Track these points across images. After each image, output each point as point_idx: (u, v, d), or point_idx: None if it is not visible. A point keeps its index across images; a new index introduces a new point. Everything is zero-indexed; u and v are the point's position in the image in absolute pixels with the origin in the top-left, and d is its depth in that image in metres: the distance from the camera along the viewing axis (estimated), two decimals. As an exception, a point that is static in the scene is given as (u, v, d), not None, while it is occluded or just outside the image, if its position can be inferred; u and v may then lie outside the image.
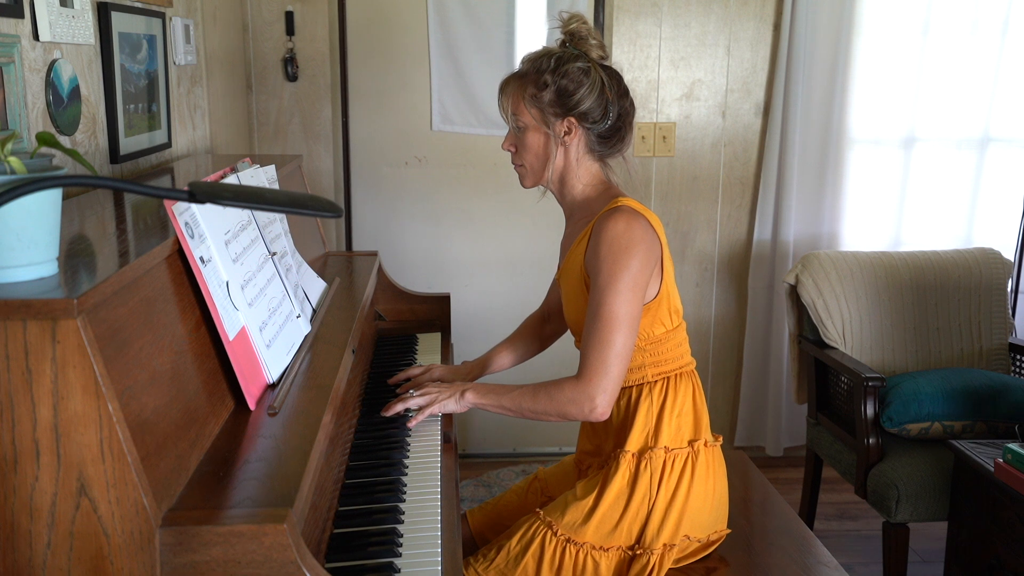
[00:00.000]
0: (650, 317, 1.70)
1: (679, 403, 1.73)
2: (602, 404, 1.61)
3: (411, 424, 1.71)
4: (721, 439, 1.81)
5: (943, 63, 3.34)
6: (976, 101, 3.38)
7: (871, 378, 2.54)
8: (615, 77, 1.72)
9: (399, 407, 1.73)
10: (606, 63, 1.73)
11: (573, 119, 1.69)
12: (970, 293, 2.93)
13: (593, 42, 1.71)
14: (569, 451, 3.57)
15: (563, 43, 1.73)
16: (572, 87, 1.67)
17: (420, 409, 1.72)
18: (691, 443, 1.72)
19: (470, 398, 1.71)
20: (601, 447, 1.80)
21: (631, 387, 1.74)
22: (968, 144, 3.43)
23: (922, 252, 3.01)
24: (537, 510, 1.73)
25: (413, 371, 1.99)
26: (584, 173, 1.75)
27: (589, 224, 1.69)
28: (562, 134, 1.70)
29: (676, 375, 1.74)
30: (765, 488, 2.12)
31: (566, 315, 1.81)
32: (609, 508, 1.67)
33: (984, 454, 2.24)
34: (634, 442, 1.70)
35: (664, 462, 1.68)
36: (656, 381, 1.73)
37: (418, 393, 1.74)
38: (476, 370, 2.05)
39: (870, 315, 2.87)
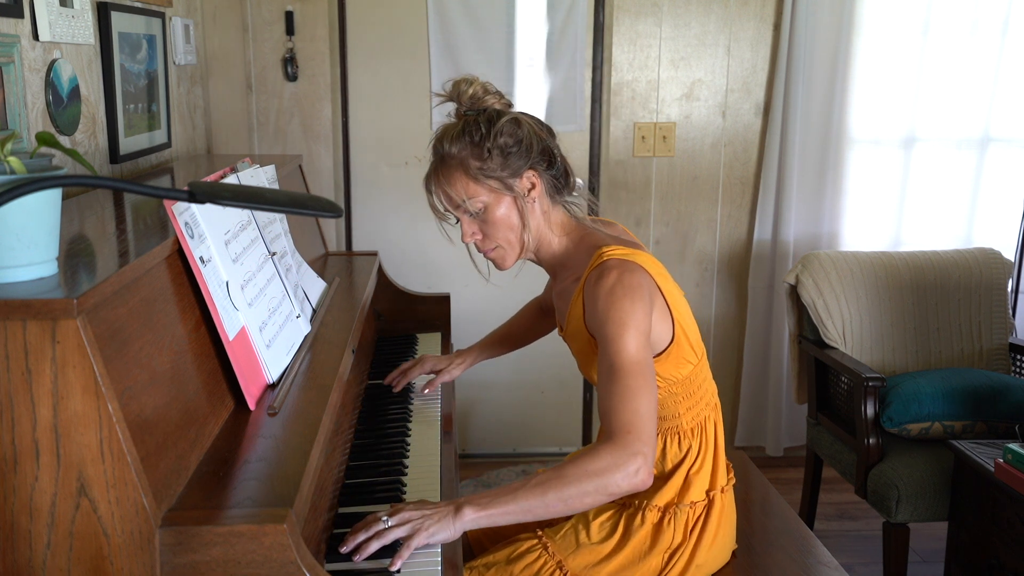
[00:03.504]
0: (672, 360, 1.62)
1: (707, 453, 1.69)
2: (648, 463, 1.41)
3: (393, 566, 1.29)
4: (733, 477, 1.76)
5: (943, 63, 3.34)
6: (976, 101, 3.38)
7: (871, 378, 2.54)
8: (536, 119, 1.66)
9: (375, 546, 1.32)
10: (515, 108, 1.66)
11: (530, 171, 1.61)
12: (970, 293, 2.93)
13: (492, 97, 1.64)
14: (569, 451, 3.57)
15: (462, 112, 1.64)
16: (512, 142, 1.58)
17: (406, 545, 1.32)
18: (708, 492, 1.69)
19: (470, 516, 1.36)
20: None
21: (665, 437, 1.68)
22: (968, 144, 3.43)
23: (922, 252, 3.01)
24: (542, 536, 1.67)
25: (405, 365, 2.00)
26: (555, 224, 1.67)
27: (579, 283, 1.62)
28: (527, 191, 1.60)
29: (706, 417, 1.69)
30: (765, 488, 2.12)
31: (583, 372, 1.73)
32: (624, 558, 1.64)
33: (984, 454, 2.24)
34: (663, 497, 1.66)
35: (687, 517, 1.66)
36: (691, 429, 1.68)
37: (394, 522, 1.34)
38: (470, 357, 2.04)
39: (870, 315, 2.87)
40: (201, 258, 1.31)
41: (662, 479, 1.68)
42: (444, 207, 1.65)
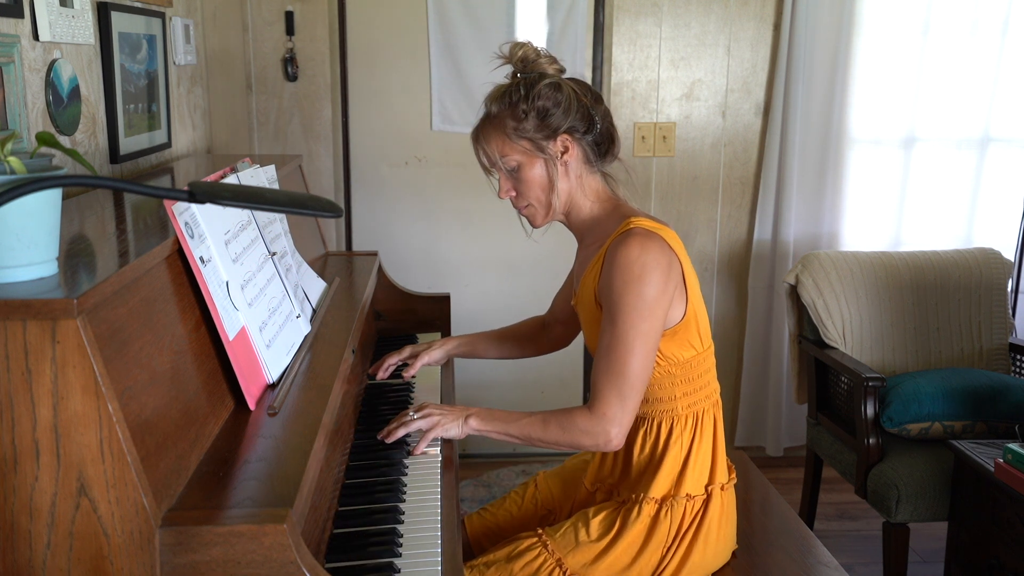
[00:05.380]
0: (678, 340, 1.64)
1: (704, 447, 1.69)
2: (617, 437, 1.58)
3: (416, 451, 1.65)
4: (735, 477, 1.76)
5: (943, 63, 3.34)
6: (976, 101, 3.38)
7: (871, 378, 2.54)
8: (583, 85, 1.69)
9: (400, 432, 1.66)
10: (566, 75, 1.69)
11: (565, 135, 1.65)
12: (970, 293, 2.93)
13: (544, 60, 1.67)
14: (569, 452, 3.57)
15: (515, 73, 1.68)
16: (550, 105, 1.63)
17: (422, 433, 1.67)
18: (707, 487, 1.69)
19: (474, 424, 1.66)
20: (619, 474, 1.76)
21: (659, 420, 1.69)
22: (968, 144, 3.43)
23: (922, 252, 3.01)
24: (542, 535, 1.68)
25: (391, 359, 2.02)
26: (589, 190, 1.71)
27: (602, 248, 1.65)
28: (560, 154, 1.65)
29: (704, 410, 1.70)
30: (765, 488, 2.12)
31: (587, 343, 1.76)
32: (622, 552, 1.65)
33: (984, 454, 2.24)
34: (659, 488, 1.67)
35: (684, 510, 1.67)
36: (687, 417, 1.68)
37: (419, 416, 1.67)
38: (452, 343, 2.05)
39: (870, 315, 2.87)
40: (201, 258, 1.31)
41: (653, 468, 1.68)
42: (487, 162, 1.72)
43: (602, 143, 1.70)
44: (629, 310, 1.55)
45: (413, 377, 2.03)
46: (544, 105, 1.63)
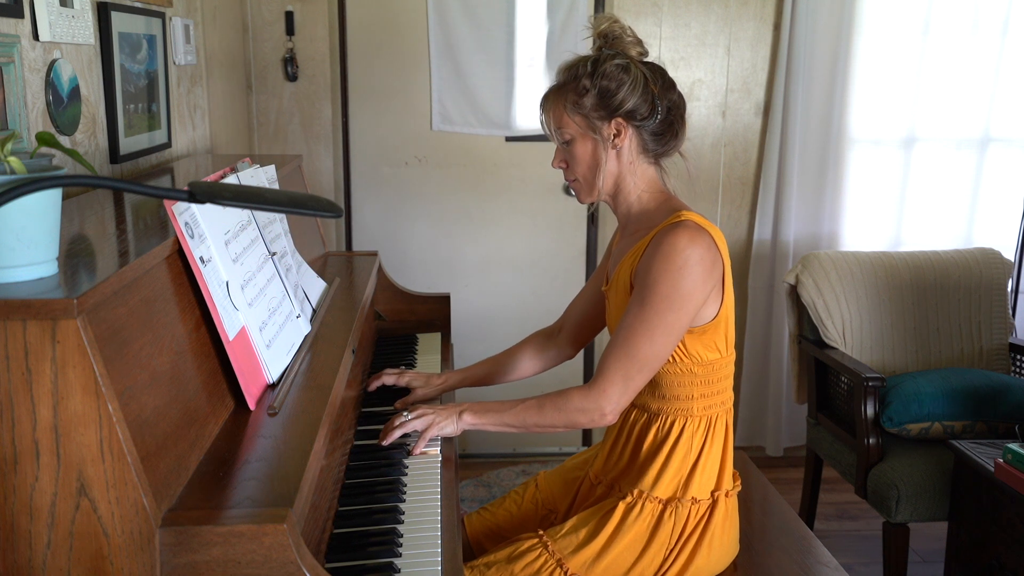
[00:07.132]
0: (705, 340, 1.63)
1: (714, 452, 1.68)
2: (612, 413, 1.59)
3: (415, 451, 1.65)
4: (739, 484, 1.76)
5: (943, 63, 3.34)
6: (976, 101, 3.39)
7: (871, 378, 2.54)
8: (658, 71, 1.66)
9: (397, 433, 1.66)
10: (646, 59, 1.67)
11: (621, 119, 1.62)
12: (970, 293, 2.93)
13: (629, 39, 1.65)
14: (569, 451, 3.57)
15: (598, 47, 1.66)
16: (613, 86, 1.60)
17: (419, 434, 1.67)
18: (712, 493, 1.68)
19: (468, 419, 1.67)
20: (624, 467, 1.75)
21: (673, 418, 1.68)
22: (968, 144, 3.43)
23: (922, 252, 3.01)
24: (543, 536, 1.68)
25: (387, 379, 1.93)
26: (640, 179, 1.68)
27: (646, 237, 1.63)
28: (611, 137, 1.62)
29: (717, 415, 1.69)
30: (765, 488, 2.12)
31: (611, 331, 1.74)
32: (624, 551, 1.64)
33: (984, 454, 2.24)
34: (664, 488, 1.65)
35: (689, 513, 1.66)
36: (700, 419, 1.67)
37: (413, 416, 1.68)
38: (452, 379, 1.94)
39: (870, 315, 2.87)
40: (201, 258, 1.31)
41: (659, 465, 1.67)
42: (547, 130, 1.72)
43: (662, 134, 1.66)
44: (661, 297, 1.54)
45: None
46: (607, 85, 1.60)
